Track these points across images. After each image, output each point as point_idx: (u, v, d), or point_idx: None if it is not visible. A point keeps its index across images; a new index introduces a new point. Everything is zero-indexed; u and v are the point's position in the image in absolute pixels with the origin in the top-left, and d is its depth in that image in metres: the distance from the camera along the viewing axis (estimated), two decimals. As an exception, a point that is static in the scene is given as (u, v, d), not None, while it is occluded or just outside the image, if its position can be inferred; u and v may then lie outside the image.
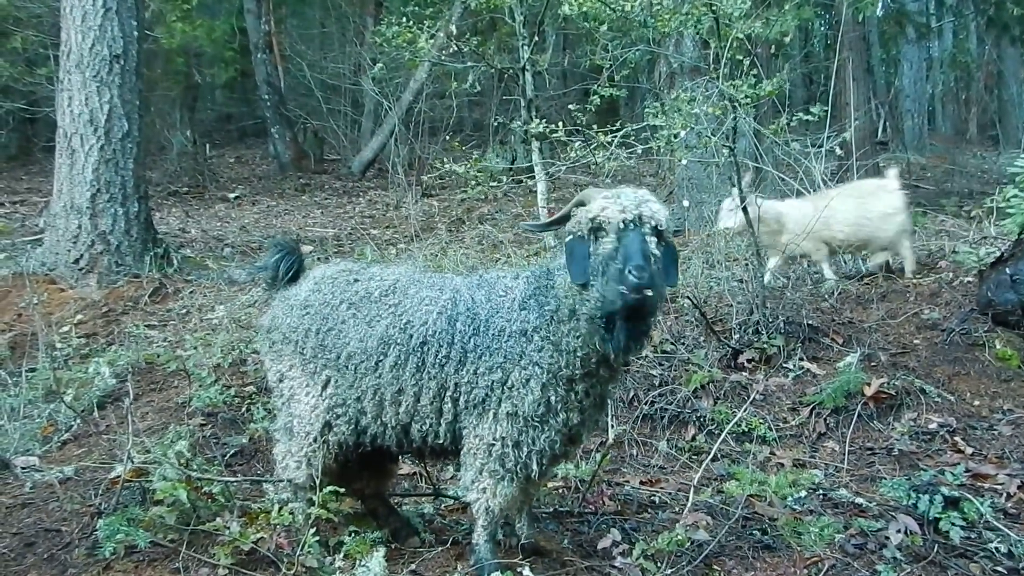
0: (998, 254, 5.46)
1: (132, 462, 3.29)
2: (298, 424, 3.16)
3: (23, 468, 3.96)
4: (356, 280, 3.22)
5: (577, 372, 2.83)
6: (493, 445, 2.87)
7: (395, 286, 3.14)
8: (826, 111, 5.74)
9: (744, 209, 5.54)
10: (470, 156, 6.50)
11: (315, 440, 3.12)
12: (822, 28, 21.72)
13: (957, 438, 4.30)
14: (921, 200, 11.96)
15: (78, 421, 4.61)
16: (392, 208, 12.45)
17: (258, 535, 2.95)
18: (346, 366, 3.06)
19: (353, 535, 3.23)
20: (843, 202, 6.31)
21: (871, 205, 6.37)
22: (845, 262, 7.07)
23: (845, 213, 6.31)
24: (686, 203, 9.47)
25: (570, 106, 5.96)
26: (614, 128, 5.31)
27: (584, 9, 5.78)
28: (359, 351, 3.04)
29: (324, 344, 3.11)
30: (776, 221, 6.39)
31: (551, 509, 3.70)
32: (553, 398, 2.83)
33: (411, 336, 2.97)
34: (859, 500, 3.74)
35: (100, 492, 3.49)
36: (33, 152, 15.78)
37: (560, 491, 3.93)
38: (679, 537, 2.99)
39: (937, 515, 3.33)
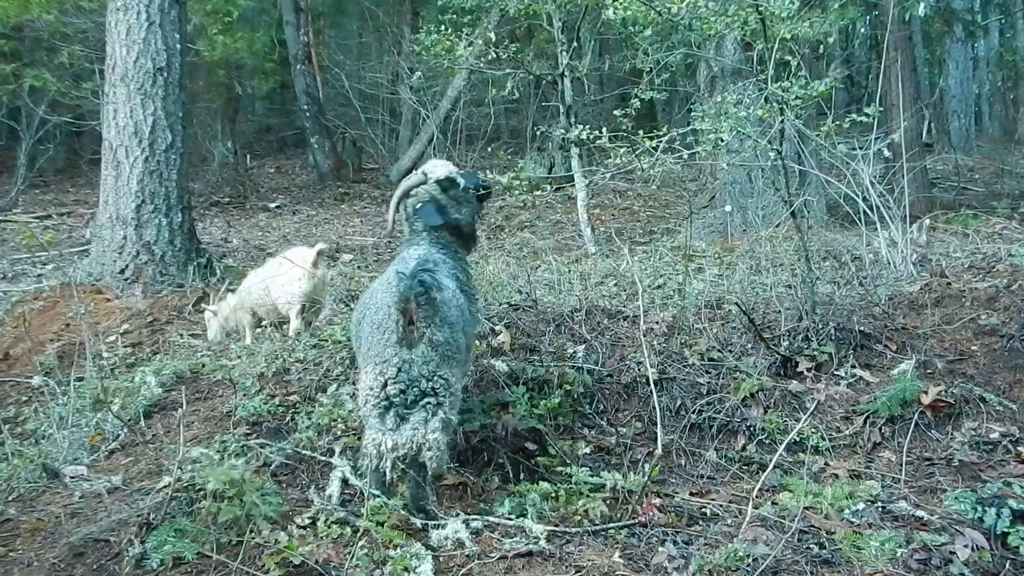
0: (1059, 257, 5.28)
1: (182, 471, 3.28)
2: None
3: (72, 477, 3.98)
4: None
5: None
6: None
7: None
8: (882, 110, 5.59)
9: None
10: (515, 165, 6.41)
11: None
12: (862, 29, 21.36)
13: (1021, 448, 4.12)
14: (972, 202, 11.70)
15: (125, 430, 4.63)
16: (431, 216, 12.43)
17: (307, 547, 2.91)
18: None
19: (398, 548, 3.19)
20: (274, 270, 6.11)
21: (279, 274, 6.04)
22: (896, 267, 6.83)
23: (261, 280, 6.12)
24: (728, 208, 9.35)
25: (615, 112, 5.85)
26: (660, 133, 5.20)
27: (629, 12, 5.69)
28: None
29: None
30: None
31: (598, 522, 3.61)
32: None
33: None
34: (920, 513, 3.60)
35: (149, 502, 3.48)
36: (79, 165, 16.11)
37: (607, 502, 3.84)
38: (739, 552, 2.89)
39: (1005, 529, 3.20)
